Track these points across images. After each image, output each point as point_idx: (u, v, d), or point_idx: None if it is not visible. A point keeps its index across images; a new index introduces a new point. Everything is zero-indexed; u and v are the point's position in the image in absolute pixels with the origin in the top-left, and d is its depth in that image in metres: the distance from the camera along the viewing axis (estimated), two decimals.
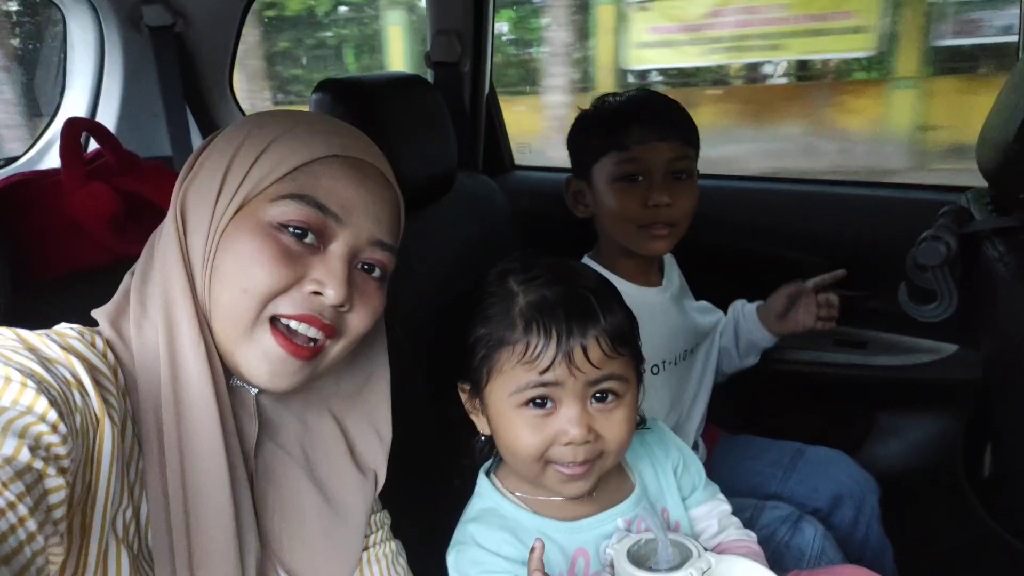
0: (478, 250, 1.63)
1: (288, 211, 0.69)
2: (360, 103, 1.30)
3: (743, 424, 1.55)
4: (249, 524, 0.72)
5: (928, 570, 1.29)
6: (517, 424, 0.81)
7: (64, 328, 0.66)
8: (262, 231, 0.69)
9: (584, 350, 0.78)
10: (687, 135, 1.28)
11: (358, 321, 0.75)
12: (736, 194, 1.83)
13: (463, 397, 0.90)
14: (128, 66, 1.69)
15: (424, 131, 1.41)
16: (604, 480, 0.89)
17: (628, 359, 0.83)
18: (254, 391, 0.76)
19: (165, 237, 0.72)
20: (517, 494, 0.89)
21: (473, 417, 0.90)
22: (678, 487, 0.97)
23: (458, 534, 0.90)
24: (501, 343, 0.81)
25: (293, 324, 0.70)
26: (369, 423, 0.88)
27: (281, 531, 0.78)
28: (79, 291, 0.90)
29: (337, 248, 0.71)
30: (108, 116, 1.70)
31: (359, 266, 0.75)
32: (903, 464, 1.63)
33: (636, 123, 1.25)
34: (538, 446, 0.80)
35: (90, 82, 1.72)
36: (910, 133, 4.31)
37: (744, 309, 1.51)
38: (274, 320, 0.70)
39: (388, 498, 0.92)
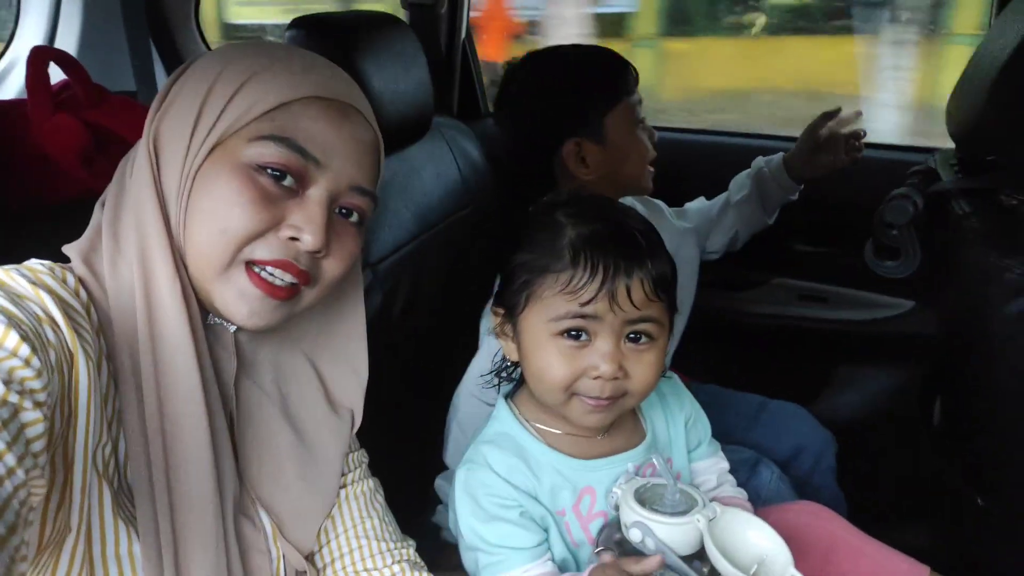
0: (453, 195, 1.62)
1: (267, 153, 0.67)
2: (335, 41, 1.27)
3: (708, 373, 1.59)
4: (227, 461, 0.72)
5: (879, 512, 1.35)
6: (550, 352, 0.82)
7: (34, 263, 0.64)
8: (241, 172, 0.67)
9: (628, 289, 0.79)
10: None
11: (334, 267, 0.74)
12: (708, 148, 1.84)
13: (495, 320, 0.91)
14: None
15: (400, 72, 1.38)
16: (618, 424, 0.91)
17: (665, 305, 0.84)
18: (232, 328, 0.75)
19: (138, 171, 0.70)
20: (535, 424, 0.91)
21: (502, 341, 0.91)
22: (686, 440, 0.99)
23: (471, 453, 0.91)
24: (545, 270, 0.82)
25: (269, 269, 0.69)
26: (345, 362, 0.88)
27: (259, 469, 0.78)
28: (46, 225, 0.88)
29: (316, 193, 0.70)
30: (67, 46, 1.63)
31: (337, 211, 0.73)
32: (860, 414, 1.70)
33: (627, 68, 1.28)
34: (567, 376, 0.81)
35: (47, 8, 1.64)
36: None
37: (770, 164, 1.49)
38: (249, 264, 0.69)
39: (367, 437, 0.93)
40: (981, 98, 1.00)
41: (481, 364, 1.20)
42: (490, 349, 1.18)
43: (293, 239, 0.69)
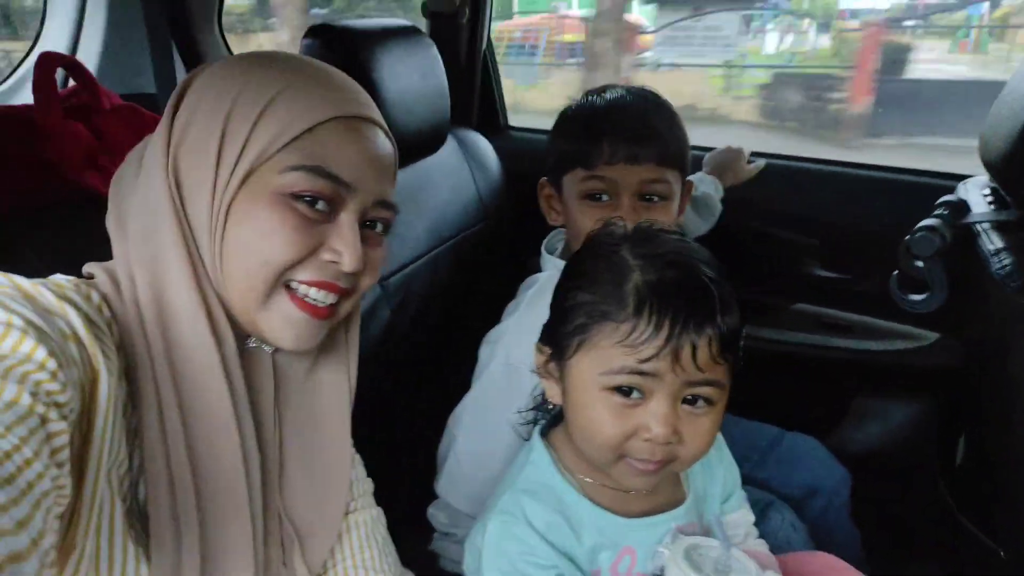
0: (470, 209, 1.60)
1: (300, 182, 0.68)
2: (352, 51, 1.26)
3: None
4: (257, 483, 0.73)
5: (895, 557, 1.31)
6: (599, 408, 0.75)
7: (59, 278, 0.65)
8: (277, 202, 0.68)
9: (694, 349, 0.71)
10: (665, 154, 1.10)
11: (368, 279, 0.76)
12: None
13: (538, 359, 0.84)
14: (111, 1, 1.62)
15: (418, 83, 1.37)
16: (661, 481, 0.84)
17: (730, 365, 0.76)
18: (270, 350, 0.77)
19: (155, 202, 0.69)
20: (576, 476, 0.84)
21: (544, 381, 0.85)
22: (721, 491, 0.93)
23: (507, 503, 0.83)
24: (604, 317, 0.74)
25: (313, 292, 0.71)
26: (346, 371, 0.87)
27: (292, 488, 0.79)
28: (49, 228, 0.87)
29: (348, 215, 0.71)
30: (91, 47, 1.63)
31: (364, 224, 0.75)
32: (878, 447, 1.64)
33: (605, 139, 1.10)
34: (618, 436, 0.75)
35: (72, 10, 1.65)
36: None
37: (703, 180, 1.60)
38: (288, 285, 0.70)
39: (367, 453, 0.92)
40: (1017, 126, 0.96)
41: (479, 395, 1.17)
42: (493, 379, 1.14)
43: (333, 262, 0.71)
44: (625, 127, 1.10)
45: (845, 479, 1.39)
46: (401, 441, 1.27)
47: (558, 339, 0.79)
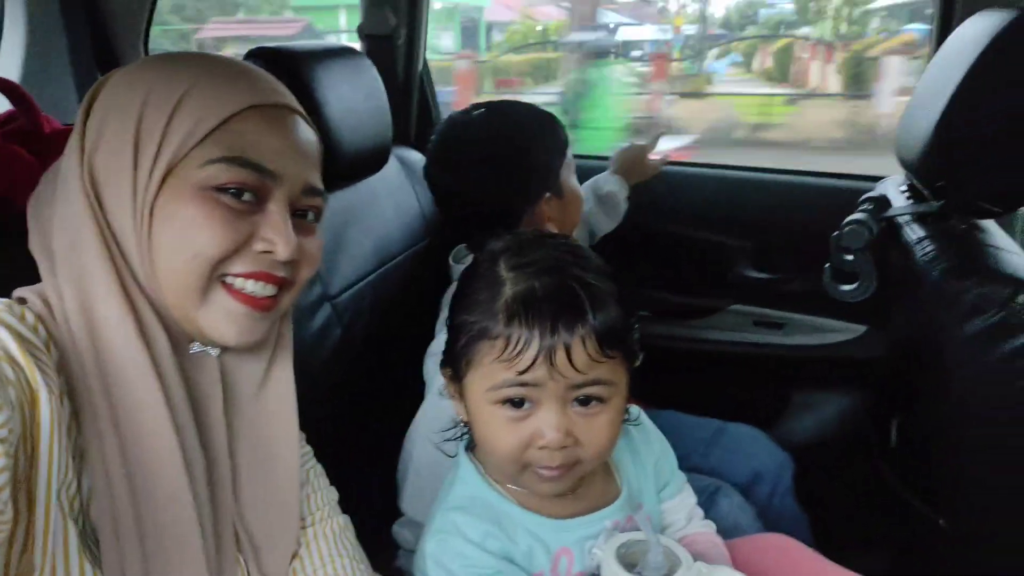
0: (414, 226, 1.61)
1: (222, 174, 0.67)
2: (295, 73, 1.25)
3: (665, 400, 1.60)
4: (205, 496, 0.70)
5: (841, 536, 1.37)
6: (493, 422, 0.77)
7: None
8: (201, 196, 0.66)
9: (568, 351, 0.72)
10: None
11: (306, 269, 0.75)
12: (663, 177, 1.87)
13: (445, 380, 0.85)
14: (32, 20, 1.57)
15: (360, 103, 1.37)
16: (590, 479, 0.85)
17: (619, 361, 0.76)
18: (215, 352, 0.74)
19: (73, 216, 0.67)
20: (505, 484, 0.84)
21: (453, 401, 0.85)
22: (655, 480, 0.95)
23: (439, 522, 0.84)
24: (482, 335, 0.75)
25: (249, 284, 0.69)
26: (291, 371, 0.86)
27: (247, 495, 0.77)
28: None
29: (276, 204, 0.70)
30: (9, 73, 1.57)
31: (294, 213, 0.74)
32: (817, 438, 1.72)
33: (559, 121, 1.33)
34: (515, 447, 0.76)
35: None
36: None
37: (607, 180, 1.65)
38: (224, 280, 0.69)
39: (333, 468, 0.91)
40: (929, 126, 1.04)
41: (428, 409, 1.17)
42: (437, 399, 1.15)
43: (266, 252, 0.70)
44: None
45: (787, 463, 1.45)
46: (360, 457, 1.26)
47: (452, 360, 0.81)
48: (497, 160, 1.26)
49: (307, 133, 0.75)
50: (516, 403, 0.75)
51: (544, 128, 1.32)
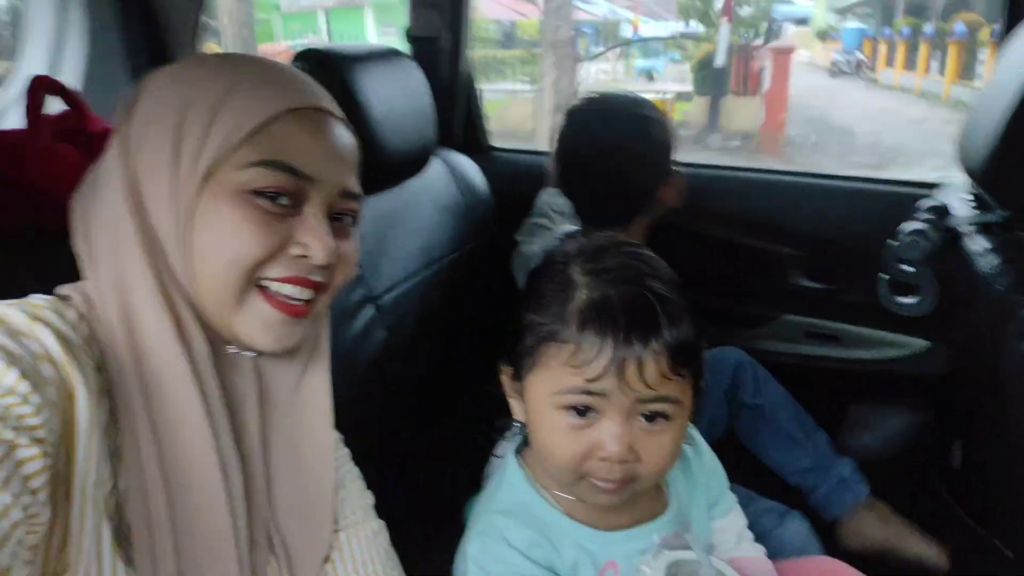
0: (457, 229, 1.60)
1: (261, 178, 0.67)
2: (339, 74, 1.26)
3: None
4: (240, 499, 0.70)
5: (898, 562, 1.31)
6: (554, 427, 0.75)
7: (36, 298, 0.63)
8: (240, 199, 0.66)
9: (639, 365, 0.71)
10: None
11: (343, 272, 0.75)
12: (716, 182, 1.82)
13: (503, 378, 0.84)
14: (91, 26, 1.61)
15: (404, 104, 1.37)
16: (640, 492, 0.82)
17: (687, 379, 0.75)
18: (251, 356, 0.74)
19: (115, 216, 0.67)
20: (551, 492, 0.83)
21: (511, 400, 0.84)
22: (705, 498, 0.92)
23: (483, 524, 0.83)
24: (552, 337, 0.74)
25: (286, 289, 0.69)
26: (328, 374, 0.85)
27: (283, 499, 0.77)
28: (45, 251, 0.86)
29: (313, 208, 0.70)
30: (71, 78, 1.62)
31: (331, 217, 0.74)
32: (875, 456, 1.65)
33: None
34: (574, 455, 0.74)
35: (49, 41, 1.64)
36: None
37: None
38: (260, 284, 0.69)
39: (367, 472, 0.90)
40: (996, 131, 0.99)
41: None
42: None
43: (302, 256, 0.70)
44: None
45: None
46: (404, 461, 1.26)
47: (515, 359, 0.79)
48: (639, 139, 1.35)
49: (345, 137, 0.75)
50: (580, 411, 0.74)
51: (659, 113, 1.39)
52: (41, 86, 0.90)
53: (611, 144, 1.34)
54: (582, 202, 1.40)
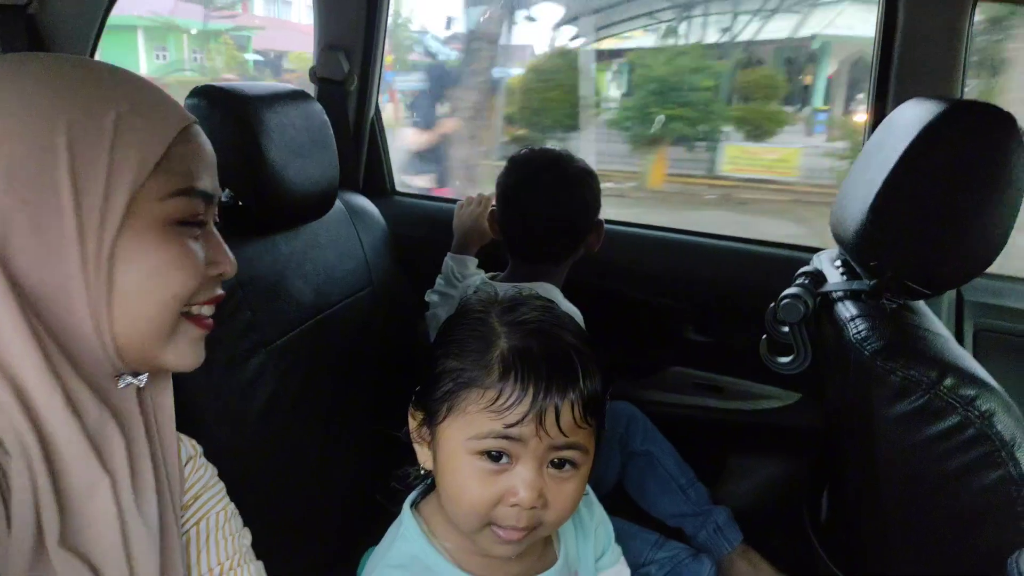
0: (357, 272, 1.58)
1: (181, 208, 0.65)
2: (241, 112, 1.23)
3: None
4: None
5: None
6: (467, 473, 0.76)
7: None
8: (167, 234, 0.64)
9: (557, 413, 0.73)
10: None
11: (228, 273, 0.74)
12: (616, 237, 1.89)
13: (411, 423, 0.84)
14: None
15: (307, 146, 1.36)
16: (531, 547, 0.84)
17: (594, 429, 0.78)
18: (141, 383, 0.69)
19: None
20: (445, 544, 0.83)
21: (416, 447, 0.84)
22: (594, 550, 0.94)
23: None
24: (471, 383, 0.75)
25: (206, 310, 0.70)
26: None
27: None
28: None
29: (211, 223, 0.71)
30: None
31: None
32: (752, 504, 1.73)
33: None
34: (485, 501, 0.75)
35: None
36: None
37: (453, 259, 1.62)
38: (187, 312, 0.68)
39: (255, 519, 0.87)
40: (863, 207, 1.07)
41: None
42: None
43: (218, 275, 0.71)
44: None
45: None
46: (295, 507, 1.21)
47: (428, 404, 0.80)
48: (574, 186, 1.46)
49: (208, 142, 0.73)
50: (494, 456, 0.75)
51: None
52: None
53: (558, 190, 1.44)
54: (520, 240, 1.48)
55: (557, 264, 1.49)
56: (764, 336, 1.28)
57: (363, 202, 1.74)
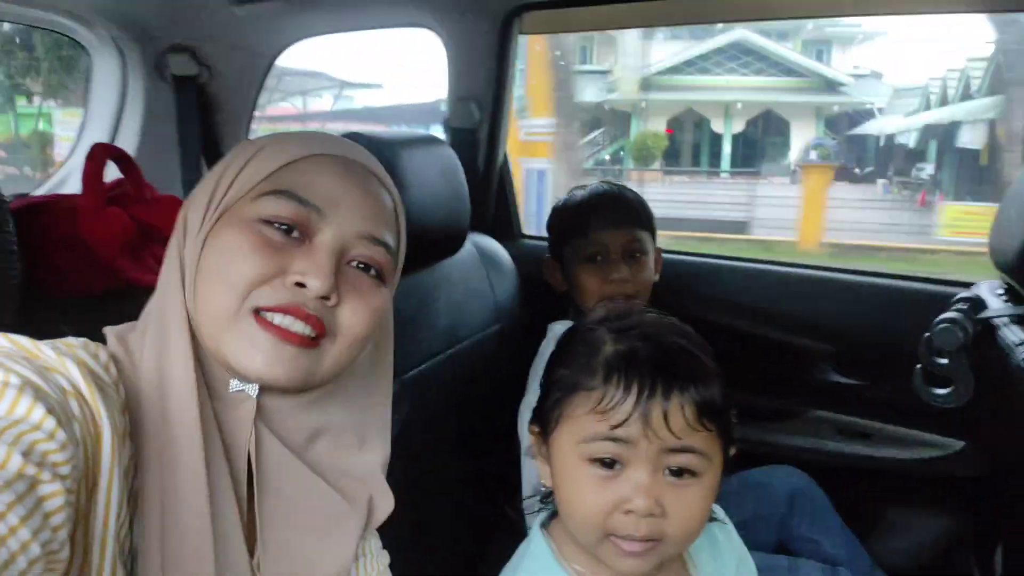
0: (486, 311, 1.62)
1: (269, 207, 0.69)
2: (382, 156, 1.31)
3: None
4: (232, 540, 0.68)
5: None
6: (580, 480, 0.75)
7: (69, 340, 0.64)
8: (245, 226, 0.69)
9: (665, 413, 0.71)
10: (638, 221, 1.48)
11: (352, 319, 0.71)
12: (742, 275, 1.83)
13: (532, 439, 0.85)
14: (148, 110, 1.72)
15: (440, 188, 1.42)
16: (666, 568, 0.81)
17: (715, 436, 0.75)
18: (253, 393, 0.71)
19: (168, 256, 0.73)
20: (574, 566, 0.81)
21: (538, 462, 0.84)
22: None
23: None
24: (577, 387, 0.76)
25: (278, 318, 0.67)
26: (375, 434, 0.83)
27: (274, 541, 0.73)
28: (90, 315, 0.88)
29: (321, 240, 0.69)
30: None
31: (354, 264, 0.72)
32: (912, 563, 1.57)
33: (593, 214, 1.47)
34: (598, 509, 0.73)
35: (108, 123, 1.74)
36: None
37: None
38: (257, 313, 0.68)
39: (396, 549, 0.88)
40: None
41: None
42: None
43: (300, 285, 0.68)
44: (605, 203, 1.49)
45: None
46: (426, 529, 1.23)
47: (542, 416, 0.81)
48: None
49: (375, 186, 0.75)
50: (606, 463, 0.74)
51: (559, 215, 1.58)
52: (102, 153, 0.95)
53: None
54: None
55: None
56: (918, 366, 1.19)
57: (492, 244, 1.79)
